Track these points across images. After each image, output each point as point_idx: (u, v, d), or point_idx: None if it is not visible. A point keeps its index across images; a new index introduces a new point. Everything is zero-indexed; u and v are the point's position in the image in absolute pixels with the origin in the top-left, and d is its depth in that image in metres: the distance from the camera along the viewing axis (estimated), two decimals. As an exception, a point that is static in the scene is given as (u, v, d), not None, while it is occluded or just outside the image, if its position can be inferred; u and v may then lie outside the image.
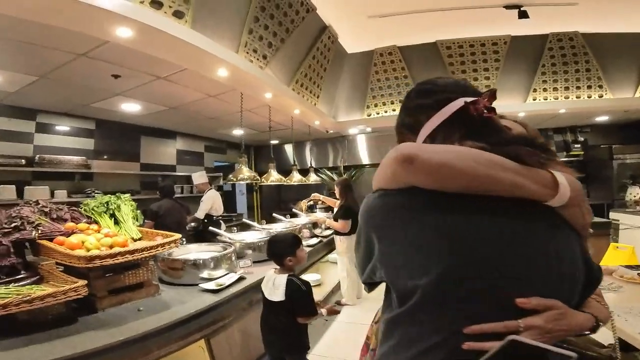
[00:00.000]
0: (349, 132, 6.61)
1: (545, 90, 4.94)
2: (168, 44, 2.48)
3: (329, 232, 4.37)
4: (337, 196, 4.14)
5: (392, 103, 5.34)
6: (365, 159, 6.95)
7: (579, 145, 6.43)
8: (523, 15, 3.60)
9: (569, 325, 0.61)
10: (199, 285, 2.13)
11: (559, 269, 0.63)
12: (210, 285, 2.09)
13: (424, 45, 4.91)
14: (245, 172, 3.92)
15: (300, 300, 1.86)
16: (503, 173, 0.62)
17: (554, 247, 0.63)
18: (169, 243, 1.91)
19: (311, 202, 5.30)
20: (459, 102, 0.71)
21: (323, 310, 1.96)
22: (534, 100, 5.02)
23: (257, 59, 3.34)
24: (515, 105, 5.03)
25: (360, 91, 5.45)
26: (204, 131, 6.47)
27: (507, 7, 3.66)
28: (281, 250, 1.98)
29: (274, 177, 4.59)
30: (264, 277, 2.05)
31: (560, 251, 0.63)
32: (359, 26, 4.32)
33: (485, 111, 0.70)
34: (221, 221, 5.21)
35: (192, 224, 4.97)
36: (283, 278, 1.91)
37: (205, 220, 4.97)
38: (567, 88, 4.85)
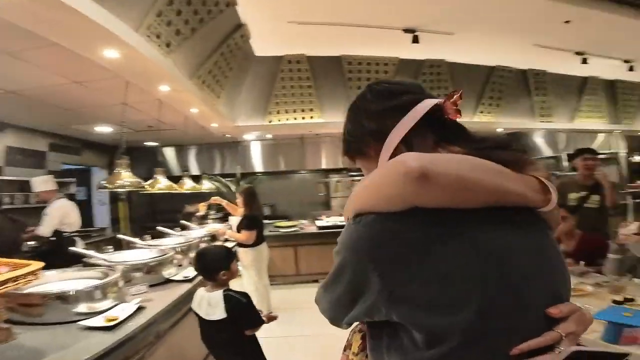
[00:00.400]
0: (245, 137, 6.26)
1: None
2: (44, 10, 1.80)
3: (229, 244, 3.94)
4: (240, 205, 3.82)
5: (295, 111, 5.31)
6: (259, 166, 6.68)
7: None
8: (415, 40, 4.14)
9: (586, 324, 0.60)
10: (80, 322, 1.55)
11: (563, 273, 0.62)
12: (98, 322, 1.57)
13: (330, 58, 5.09)
14: (125, 178, 3.15)
15: (243, 312, 1.77)
16: (508, 182, 0.57)
17: (554, 251, 0.62)
18: (23, 276, 1.30)
19: (201, 213, 4.73)
20: (429, 102, 0.65)
21: (264, 318, 1.89)
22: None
23: (160, 46, 2.80)
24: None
25: (264, 96, 5.25)
26: (51, 125, 5.04)
27: (406, 30, 4.14)
28: (215, 264, 1.83)
29: (162, 183, 3.89)
30: (169, 303, 1.80)
31: (558, 254, 0.63)
32: (275, 30, 4.20)
33: (454, 112, 0.65)
34: (77, 238, 4.11)
35: (32, 243, 3.76)
36: (218, 295, 1.76)
37: (54, 238, 3.82)
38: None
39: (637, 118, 7.12)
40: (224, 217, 4.91)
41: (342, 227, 0.65)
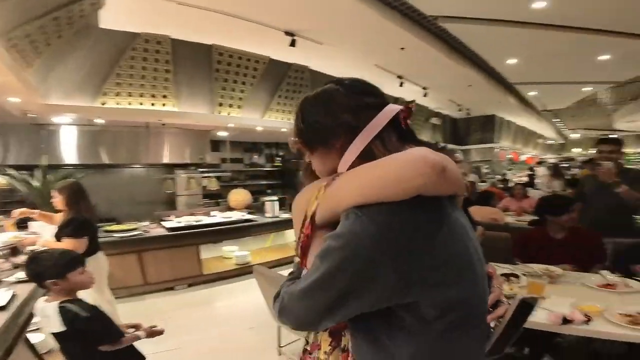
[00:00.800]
0: (55, 120, 4.49)
1: (277, 110, 5.79)
2: None
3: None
4: (61, 206, 2.79)
5: (142, 96, 4.25)
6: (73, 158, 4.99)
7: (280, 158, 8.20)
8: (293, 43, 4.07)
9: None
10: None
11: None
12: None
13: (200, 45, 4.49)
14: None
15: (87, 327, 1.54)
16: (460, 175, 0.71)
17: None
18: None
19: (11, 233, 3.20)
20: (396, 107, 0.71)
21: (140, 333, 1.70)
22: (269, 117, 5.73)
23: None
24: (255, 119, 5.53)
25: (100, 73, 3.97)
26: None
27: (287, 33, 4.01)
28: (45, 272, 1.59)
29: None
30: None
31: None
32: (142, 5, 3.40)
33: (409, 118, 0.73)
34: None
35: None
36: (53, 307, 1.56)
37: None
38: (290, 112, 5.94)
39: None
40: (22, 223, 3.46)
41: (199, 227, 0.57)
